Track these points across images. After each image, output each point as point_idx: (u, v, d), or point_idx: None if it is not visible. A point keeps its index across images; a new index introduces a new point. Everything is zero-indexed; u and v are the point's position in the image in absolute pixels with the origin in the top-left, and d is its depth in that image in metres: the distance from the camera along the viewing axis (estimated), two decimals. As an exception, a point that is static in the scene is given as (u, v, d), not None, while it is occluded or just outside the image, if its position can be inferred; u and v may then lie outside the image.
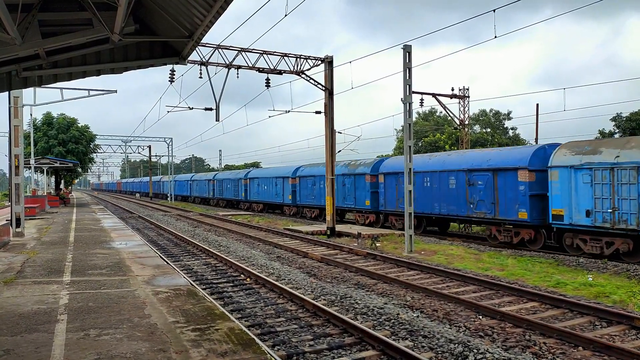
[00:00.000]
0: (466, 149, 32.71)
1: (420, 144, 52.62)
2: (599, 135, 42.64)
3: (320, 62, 21.80)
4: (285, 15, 13.56)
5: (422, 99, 29.96)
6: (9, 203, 20.44)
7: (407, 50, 16.66)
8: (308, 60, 21.60)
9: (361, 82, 76.65)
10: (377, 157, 34.39)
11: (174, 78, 20.61)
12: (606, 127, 44.17)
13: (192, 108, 23.93)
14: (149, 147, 67.38)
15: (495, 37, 15.01)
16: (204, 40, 14.99)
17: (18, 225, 16.70)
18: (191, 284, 9.27)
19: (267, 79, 21.25)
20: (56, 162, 34.59)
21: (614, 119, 42.55)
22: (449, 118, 39.45)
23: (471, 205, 18.62)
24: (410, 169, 16.58)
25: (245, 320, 8.25)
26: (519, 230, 17.10)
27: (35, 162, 31.56)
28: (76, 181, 72.03)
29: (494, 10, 13.85)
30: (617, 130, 42.10)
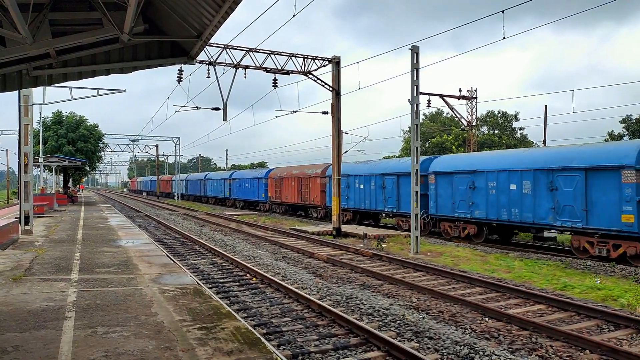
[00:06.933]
0: (473, 150, 32.59)
1: (427, 145, 52.49)
2: (607, 137, 42.31)
3: (327, 62, 21.80)
4: (294, 16, 13.59)
5: (429, 100, 29.91)
6: (18, 201, 20.62)
7: (414, 51, 16.62)
8: (315, 60, 21.61)
9: (363, 85, 76.75)
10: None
11: (181, 78, 20.70)
12: (615, 129, 43.87)
13: (200, 108, 24.03)
14: (157, 146, 67.74)
15: (504, 37, 14.95)
16: (212, 41, 15.04)
17: (27, 223, 16.85)
18: (197, 282, 9.31)
19: (275, 79, 21.29)
20: (65, 161, 34.85)
21: (623, 121, 42.22)
22: (456, 119, 39.31)
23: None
24: (416, 170, 16.54)
25: (251, 320, 8.28)
26: None
27: (44, 160, 31.83)
28: (84, 179, 72.45)
29: (503, 12, 13.82)
30: (626, 133, 41.78)
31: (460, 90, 32.35)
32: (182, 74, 20.64)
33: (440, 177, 20.38)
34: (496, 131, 59.09)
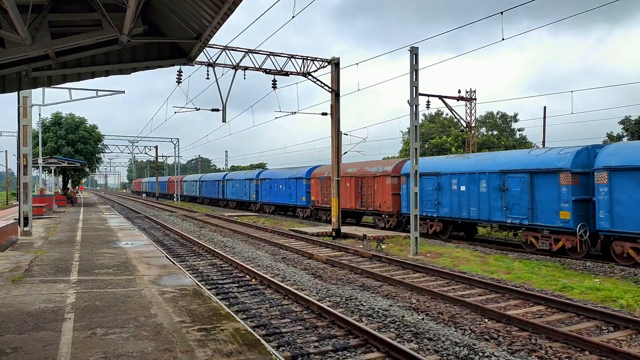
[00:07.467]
0: (473, 151, 32.59)
1: (426, 146, 52.52)
2: (607, 138, 42.36)
3: (326, 63, 21.82)
4: (293, 17, 13.60)
5: (428, 101, 29.92)
6: (17, 202, 20.59)
7: (414, 52, 16.63)
8: (315, 61, 21.62)
9: (360, 87, 76.93)
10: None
11: (181, 79, 20.69)
12: (614, 130, 43.93)
13: (199, 109, 24.03)
14: (156, 147, 67.67)
15: (503, 39, 14.96)
16: (211, 42, 15.04)
17: (26, 224, 16.83)
18: (197, 284, 9.29)
19: (274, 81, 21.29)
20: (64, 162, 34.83)
21: (622, 122, 42.26)
22: (455, 120, 39.37)
23: None
24: (416, 170, 16.55)
25: (250, 321, 8.27)
26: None
27: (43, 161, 31.80)
28: (83, 181, 72.45)
29: (502, 13, 13.86)
30: (625, 134, 41.82)
31: (459, 92, 32.38)
32: (181, 75, 20.63)
33: (619, 175, 13.97)
34: (495, 132, 59.13)
